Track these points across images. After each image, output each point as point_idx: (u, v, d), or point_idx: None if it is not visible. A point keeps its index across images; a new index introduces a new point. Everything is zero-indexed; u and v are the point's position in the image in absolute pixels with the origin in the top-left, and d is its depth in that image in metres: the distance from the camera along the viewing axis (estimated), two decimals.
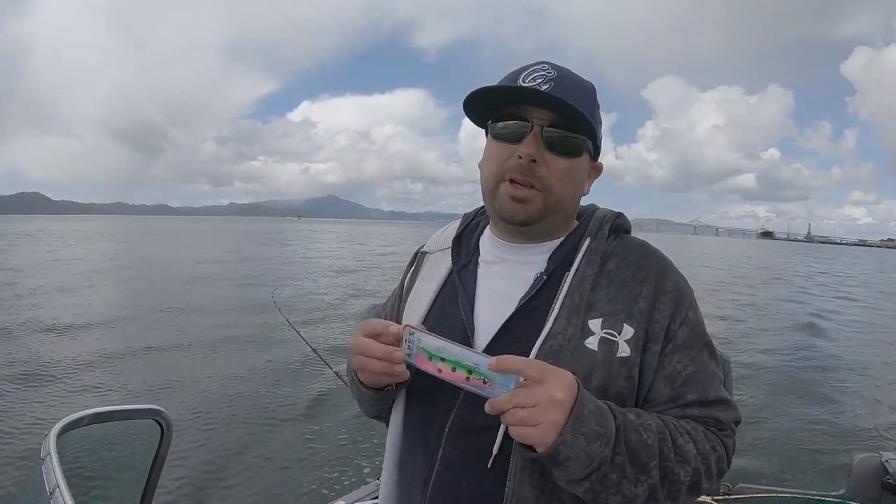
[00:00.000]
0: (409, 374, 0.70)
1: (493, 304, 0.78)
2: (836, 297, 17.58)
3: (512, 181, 0.74)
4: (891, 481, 2.03)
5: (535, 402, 0.60)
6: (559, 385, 0.61)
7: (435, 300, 0.83)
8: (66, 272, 16.08)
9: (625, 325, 0.72)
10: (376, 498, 1.81)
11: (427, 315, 0.82)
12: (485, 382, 0.63)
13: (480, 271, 0.82)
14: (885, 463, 2.09)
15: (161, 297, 11.80)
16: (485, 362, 0.63)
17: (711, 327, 0.79)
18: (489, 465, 0.70)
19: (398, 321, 0.84)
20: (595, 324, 0.72)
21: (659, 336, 0.72)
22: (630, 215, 0.86)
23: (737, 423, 0.76)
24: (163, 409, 1.19)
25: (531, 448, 0.62)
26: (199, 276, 15.94)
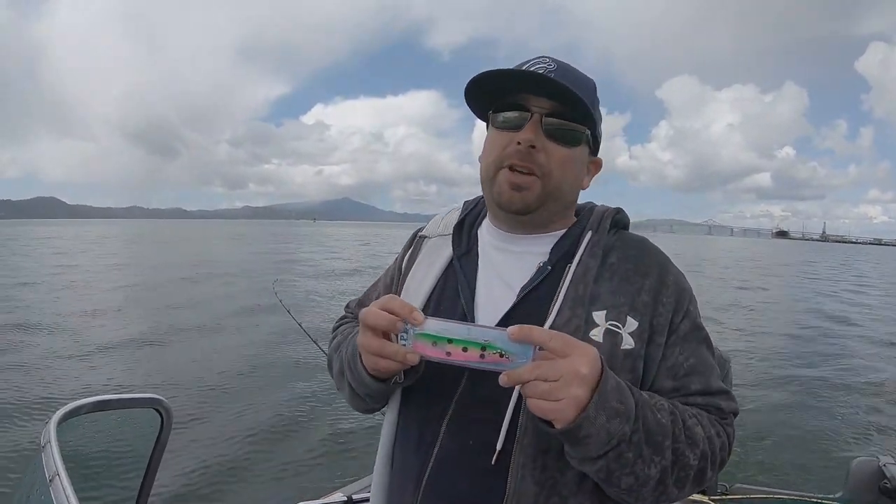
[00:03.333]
0: (417, 359, 0.64)
1: (494, 294, 0.77)
2: (839, 297, 17.53)
3: (511, 168, 0.74)
4: (888, 485, 2.03)
5: (559, 375, 0.58)
6: (584, 360, 0.59)
7: (434, 288, 0.82)
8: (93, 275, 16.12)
9: (628, 317, 0.72)
10: None
11: (426, 302, 0.81)
12: (502, 356, 0.60)
13: (480, 261, 0.81)
14: (883, 467, 2.09)
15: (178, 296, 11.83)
16: (498, 335, 0.60)
17: (711, 328, 0.79)
18: (493, 461, 0.69)
19: None
20: (599, 315, 0.71)
21: (663, 328, 0.73)
22: (644, 215, 0.87)
23: (735, 414, 0.76)
24: (163, 399, 1.19)
25: (549, 423, 0.61)
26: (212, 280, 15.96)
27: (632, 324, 0.71)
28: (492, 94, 0.77)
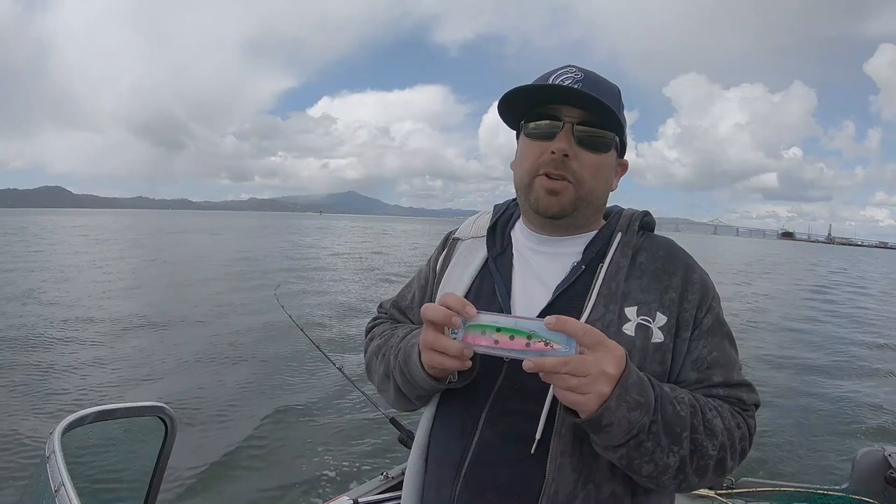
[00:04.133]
0: (471, 353, 0.68)
1: (530, 291, 0.81)
2: (846, 292, 17.53)
3: (547, 175, 0.78)
4: (894, 475, 2.02)
5: (587, 372, 0.62)
6: (611, 359, 0.64)
7: (471, 286, 0.85)
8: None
9: (658, 313, 0.76)
10: (382, 493, 1.82)
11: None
12: (546, 345, 0.63)
13: (516, 261, 0.86)
14: (889, 457, 2.09)
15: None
16: (542, 326, 0.63)
17: None
18: (532, 451, 0.73)
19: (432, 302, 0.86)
20: (631, 311, 0.76)
21: (689, 324, 0.77)
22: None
23: (757, 405, 0.80)
24: (166, 406, 1.19)
25: (575, 413, 0.66)
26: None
27: (661, 319, 0.76)
28: (524, 104, 0.81)
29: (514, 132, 0.86)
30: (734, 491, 2.16)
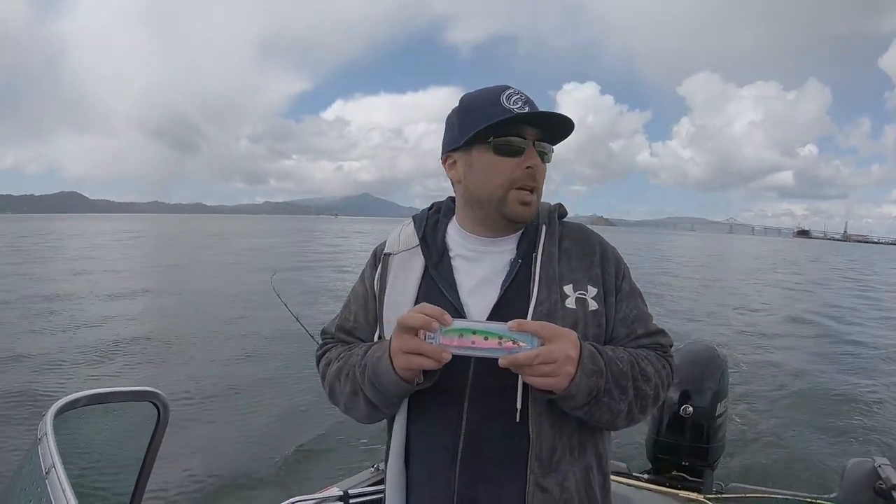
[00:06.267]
0: (450, 356, 0.78)
1: (478, 290, 0.92)
2: (840, 298, 17.53)
3: (521, 188, 0.90)
4: (882, 486, 2.03)
5: (556, 358, 0.77)
6: (570, 344, 0.79)
7: (417, 296, 0.93)
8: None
9: (588, 286, 0.92)
10: (372, 485, 1.82)
11: None
12: (514, 343, 0.77)
13: (456, 264, 0.95)
14: (878, 468, 2.09)
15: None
16: (504, 329, 0.77)
17: (715, 327, 0.83)
18: (517, 419, 0.85)
19: (377, 321, 0.97)
20: (568, 288, 0.91)
21: (612, 290, 0.94)
22: (665, 213, 0.92)
23: (671, 346, 0.98)
24: (160, 392, 1.19)
25: (548, 392, 0.80)
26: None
27: (592, 290, 0.92)
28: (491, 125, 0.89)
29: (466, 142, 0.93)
30: (723, 496, 2.17)
